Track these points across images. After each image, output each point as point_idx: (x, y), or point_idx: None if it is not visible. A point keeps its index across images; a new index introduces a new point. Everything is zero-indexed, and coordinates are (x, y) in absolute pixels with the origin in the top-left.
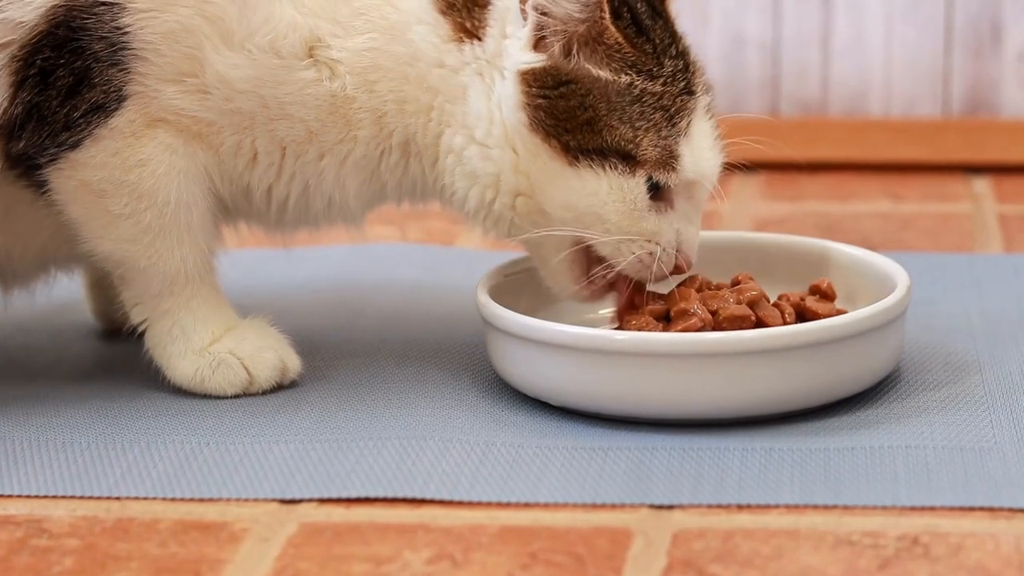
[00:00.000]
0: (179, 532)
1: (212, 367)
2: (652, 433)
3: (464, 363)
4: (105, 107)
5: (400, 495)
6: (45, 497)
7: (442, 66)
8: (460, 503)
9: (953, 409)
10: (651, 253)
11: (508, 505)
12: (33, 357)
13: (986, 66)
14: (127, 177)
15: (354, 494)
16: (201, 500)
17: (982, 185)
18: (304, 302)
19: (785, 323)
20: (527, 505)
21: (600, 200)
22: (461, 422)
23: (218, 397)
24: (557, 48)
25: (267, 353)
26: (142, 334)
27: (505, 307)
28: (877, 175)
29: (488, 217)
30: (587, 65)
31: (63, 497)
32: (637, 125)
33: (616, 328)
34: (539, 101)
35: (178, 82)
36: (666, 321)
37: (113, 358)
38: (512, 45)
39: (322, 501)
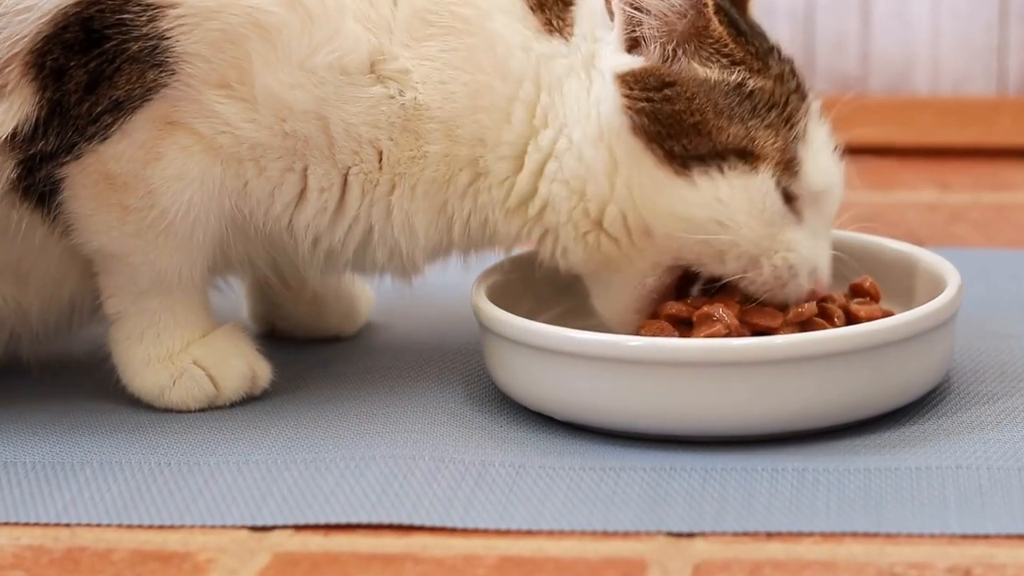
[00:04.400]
0: (136, 563)
1: (173, 377)
2: (670, 452)
3: (458, 372)
4: (131, 102)
5: (386, 521)
6: None
7: (528, 50)
8: (453, 530)
9: (1010, 425)
10: (791, 265)
11: (507, 533)
12: None
13: None
14: (146, 171)
15: (334, 520)
16: (161, 527)
17: None
18: None
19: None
20: (529, 533)
21: (723, 205)
22: (454, 439)
23: (181, 411)
24: (656, 50)
25: (235, 360)
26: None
27: (504, 310)
28: (923, 161)
29: (565, 227)
30: (692, 65)
31: (5, 524)
32: (750, 123)
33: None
34: (642, 105)
35: (224, 87)
36: (686, 327)
37: (62, 368)
38: (604, 47)
39: (298, 528)
